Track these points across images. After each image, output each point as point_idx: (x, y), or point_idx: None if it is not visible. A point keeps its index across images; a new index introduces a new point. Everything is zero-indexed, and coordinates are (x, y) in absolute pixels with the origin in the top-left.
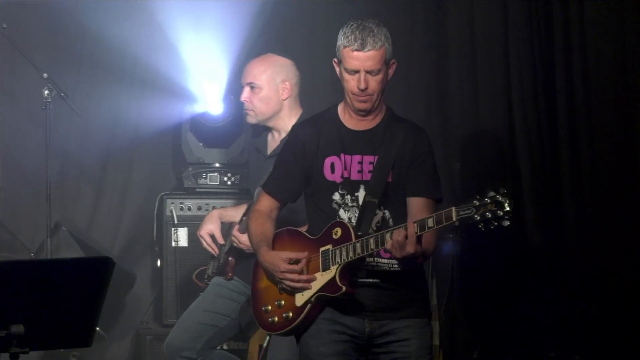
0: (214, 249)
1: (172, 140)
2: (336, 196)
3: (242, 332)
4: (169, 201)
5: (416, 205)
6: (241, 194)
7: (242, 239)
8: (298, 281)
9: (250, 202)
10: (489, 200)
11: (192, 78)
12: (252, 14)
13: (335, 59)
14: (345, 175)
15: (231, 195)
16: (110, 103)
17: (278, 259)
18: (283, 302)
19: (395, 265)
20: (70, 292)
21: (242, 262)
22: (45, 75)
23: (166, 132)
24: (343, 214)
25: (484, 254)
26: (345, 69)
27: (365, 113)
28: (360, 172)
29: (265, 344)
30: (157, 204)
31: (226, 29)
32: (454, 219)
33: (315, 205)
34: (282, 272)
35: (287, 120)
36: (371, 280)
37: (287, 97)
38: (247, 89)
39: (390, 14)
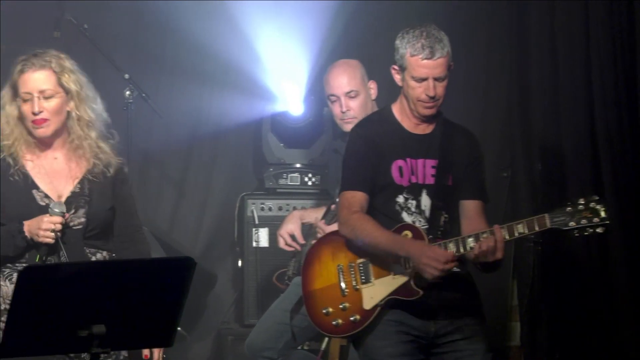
0: (295, 247)
1: (253, 141)
2: (400, 199)
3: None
4: (249, 201)
5: (472, 208)
6: (322, 194)
7: (328, 230)
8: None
9: (329, 202)
10: (583, 207)
11: (272, 78)
12: (331, 14)
13: (395, 67)
14: (413, 180)
15: (312, 196)
16: (191, 103)
17: (439, 251)
18: (348, 305)
19: (456, 268)
20: (151, 292)
21: None
22: (126, 76)
23: (247, 133)
24: (407, 217)
25: (566, 255)
26: (413, 77)
27: (428, 118)
28: (424, 176)
29: (346, 344)
30: (238, 205)
31: (305, 29)
32: (548, 225)
33: (372, 206)
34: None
35: None
36: (437, 281)
37: (376, 96)
38: (344, 100)
39: (470, 15)
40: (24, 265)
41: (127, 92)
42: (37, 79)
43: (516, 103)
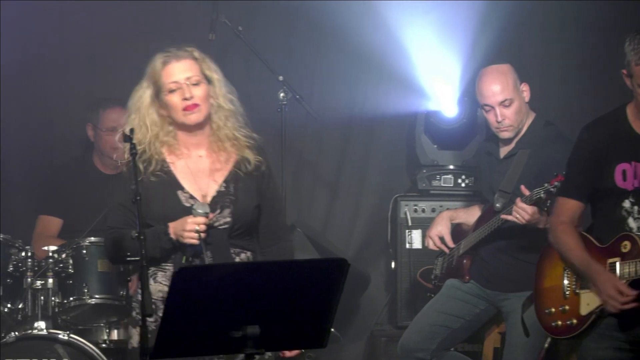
0: (443, 249)
1: (406, 143)
2: (626, 204)
3: (481, 330)
4: (403, 203)
5: None
6: (475, 196)
7: (530, 211)
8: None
9: (481, 204)
10: None
11: (425, 78)
12: (482, 14)
13: (624, 71)
14: (636, 184)
15: (465, 198)
16: (344, 105)
17: (610, 285)
18: (567, 308)
19: None
20: (305, 293)
21: (477, 264)
22: (280, 77)
23: (400, 134)
24: (632, 223)
25: None
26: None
27: None
28: None
29: (499, 346)
30: (391, 206)
31: (456, 29)
32: None
33: (601, 210)
34: (610, 297)
35: (524, 123)
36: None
37: (529, 98)
38: (499, 109)
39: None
40: (170, 266)
41: (281, 94)
42: (183, 67)
43: None
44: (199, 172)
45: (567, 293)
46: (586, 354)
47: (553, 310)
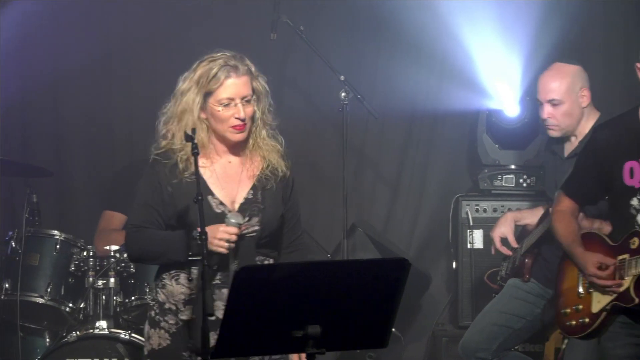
0: (505, 252)
1: (467, 142)
2: (634, 201)
3: (543, 330)
4: (464, 203)
5: None
6: (537, 196)
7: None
8: (604, 285)
9: (546, 204)
10: None
11: (487, 77)
12: (543, 13)
13: (638, 64)
14: None
15: (527, 197)
16: (406, 104)
17: (589, 262)
18: (580, 307)
19: None
20: (366, 293)
21: (539, 263)
22: (342, 77)
23: (461, 134)
24: None
25: None
26: None
27: None
28: None
29: (562, 347)
30: (452, 206)
31: (517, 29)
32: None
33: (614, 209)
34: (590, 275)
35: (585, 125)
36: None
37: (587, 104)
38: (547, 106)
39: None
40: (194, 269)
41: (343, 94)
42: (241, 85)
43: None
44: (228, 178)
45: (581, 292)
46: (605, 354)
47: (568, 310)
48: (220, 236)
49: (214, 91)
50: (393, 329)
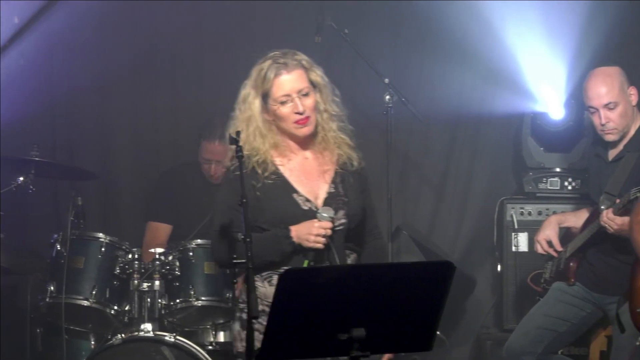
0: (551, 253)
1: (512, 145)
2: None
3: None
4: (509, 206)
5: None
6: (581, 199)
7: (618, 222)
8: None
9: (590, 207)
10: None
11: (531, 81)
12: (587, 15)
13: None
14: None
15: (571, 200)
16: (450, 107)
17: None
18: None
19: None
20: (410, 296)
21: (583, 267)
22: (386, 80)
23: (506, 137)
24: None
25: None
26: None
27: None
28: None
29: (606, 349)
30: (497, 209)
31: (562, 31)
32: None
33: None
34: None
35: (632, 127)
36: None
37: (637, 102)
38: (604, 111)
39: None
40: (284, 267)
41: (387, 97)
42: (294, 80)
43: None
44: (307, 174)
45: None
46: None
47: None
48: (317, 232)
49: (269, 91)
50: (438, 332)
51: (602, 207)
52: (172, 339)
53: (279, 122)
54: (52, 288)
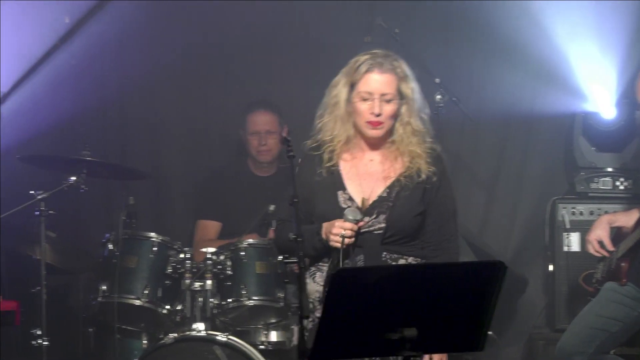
0: (603, 254)
1: (563, 145)
2: None
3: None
4: (560, 206)
5: None
6: (633, 199)
7: None
8: None
9: None
10: None
11: (582, 80)
12: (637, 15)
13: None
14: None
15: (623, 200)
16: (501, 107)
17: None
18: None
19: None
20: (462, 296)
21: (635, 267)
22: (437, 80)
23: (557, 137)
24: None
25: None
26: None
27: None
28: None
29: None
30: (548, 209)
31: (613, 30)
32: None
33: None
34: None
35: None
36: None
37: None
38: None
39: None
40: (326, 266)
41: (438, 96)
42: (382, 82)
43: None
44: (367, 175)
45: None
46: None
47: None
48: (336, 231)
49: (356, 83)
50: (489, 332)
51: None
52: (225, 338)
53: (354, 116)
54: (104, 287)
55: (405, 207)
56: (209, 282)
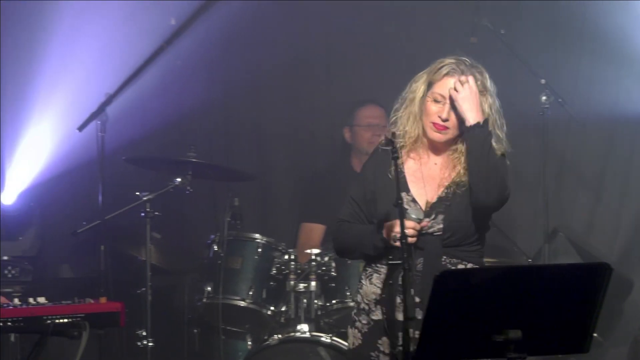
0: None
1: None
2: None
3: None
4: None
5: None
6: None
7: None
8: None
9: None
10: None
11: None
12: None
13: None
14: None
15: None
16: (607, 107)
17: None
18: None
19: None
20: (566, 297)
21: None
22: (543, 81)
23: None
24: None
25: None
26: None
27: None
28: None
29: None
30: None
31: None
32: None
33: None
34: None
35: None
36: None
37: None
38: None
39: None
40: (384, 267)
41: (544, 98)
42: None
43: None
44: (430, 178)
45: None
46: None
47: None
48: (397, 230)
49: (434, 83)
50: (594, 334)
51: None
52: (329, 340)
53: (423, 115)
54: (209, 288)
55: (459, 210)
56: (313, 283)
